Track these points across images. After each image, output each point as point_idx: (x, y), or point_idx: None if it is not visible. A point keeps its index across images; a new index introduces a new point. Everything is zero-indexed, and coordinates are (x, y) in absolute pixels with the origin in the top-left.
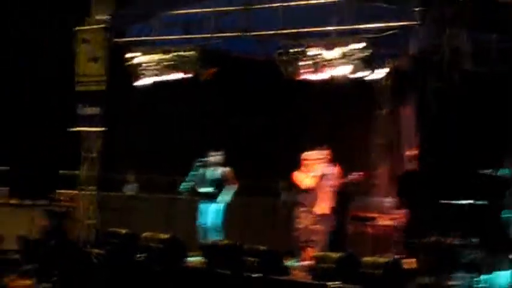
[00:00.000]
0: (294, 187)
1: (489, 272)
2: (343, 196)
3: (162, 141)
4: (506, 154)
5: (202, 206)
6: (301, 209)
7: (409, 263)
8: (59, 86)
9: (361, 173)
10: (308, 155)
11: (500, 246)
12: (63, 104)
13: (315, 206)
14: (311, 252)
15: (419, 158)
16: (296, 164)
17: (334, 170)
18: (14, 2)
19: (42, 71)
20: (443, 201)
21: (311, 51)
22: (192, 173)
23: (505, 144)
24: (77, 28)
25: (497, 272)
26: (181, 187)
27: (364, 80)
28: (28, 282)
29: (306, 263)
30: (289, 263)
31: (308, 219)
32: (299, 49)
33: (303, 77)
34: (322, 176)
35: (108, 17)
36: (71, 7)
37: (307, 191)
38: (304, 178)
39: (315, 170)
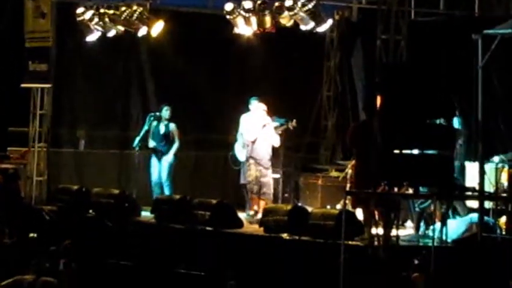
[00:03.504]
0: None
1: (442, 220)
2: (290, 148)
3: (112, 96)
4: (457, 103)
5: (152, 161)
6: (250, 161)
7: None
8: (10, 42)
9: (294, 121)
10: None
11: (452, 194)
12: (14, 61)
13: (262, 158)
14: (262, 204)
15: (369, 108)
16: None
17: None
18: None
19: None
20: (393, 151)
21: (259, 5)
22: (144, 127)
23: (455, 94)
24: None
25: (450, 220)
26: (134, 143)
27: (313, 32)
28: None
29: (256, 214)
30: (241, 215)
31: (257, 171)
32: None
33: (252, 30)
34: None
35: None
36: None
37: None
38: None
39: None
